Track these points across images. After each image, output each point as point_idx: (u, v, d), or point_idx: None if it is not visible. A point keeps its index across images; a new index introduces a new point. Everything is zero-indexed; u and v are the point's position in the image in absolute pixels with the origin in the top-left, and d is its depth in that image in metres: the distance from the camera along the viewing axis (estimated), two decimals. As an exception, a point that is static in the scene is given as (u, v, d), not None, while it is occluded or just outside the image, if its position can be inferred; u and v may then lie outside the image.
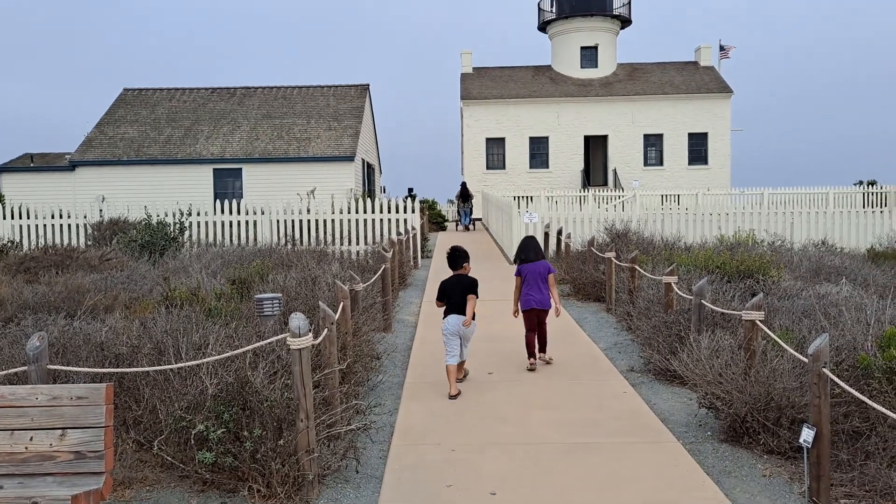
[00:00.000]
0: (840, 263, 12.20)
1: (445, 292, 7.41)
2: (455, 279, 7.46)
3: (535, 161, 38.02)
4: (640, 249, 13.25)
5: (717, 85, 38.12)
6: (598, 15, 38.42)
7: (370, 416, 6.36)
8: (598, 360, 8.55)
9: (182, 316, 7.05)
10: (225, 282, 9.78)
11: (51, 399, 3.97)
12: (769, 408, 5.51)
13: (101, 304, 8.36)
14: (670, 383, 7.48)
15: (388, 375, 7.94)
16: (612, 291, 11.29)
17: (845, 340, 6.13)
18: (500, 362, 8.46)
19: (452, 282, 7.43)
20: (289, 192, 25.91)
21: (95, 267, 11.54)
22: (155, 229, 14.51)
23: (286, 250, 14.47)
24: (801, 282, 10.31)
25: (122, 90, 33.11)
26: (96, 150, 28.51)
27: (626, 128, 37.72)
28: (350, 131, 29.44)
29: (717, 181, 37.22)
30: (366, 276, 11.26)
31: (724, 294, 8.72)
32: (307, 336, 4.80)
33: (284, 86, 33.38)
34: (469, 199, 31.03)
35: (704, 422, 6.23)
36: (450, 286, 7.41)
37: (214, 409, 4.94)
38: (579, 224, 18.31)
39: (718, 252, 12.05)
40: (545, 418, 6.43)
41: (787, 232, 17.78)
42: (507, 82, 38.89)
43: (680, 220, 18.23)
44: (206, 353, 5.20)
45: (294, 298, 8.13)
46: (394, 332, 10.34)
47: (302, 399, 4.76)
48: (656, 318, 8.37)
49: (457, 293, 7.35)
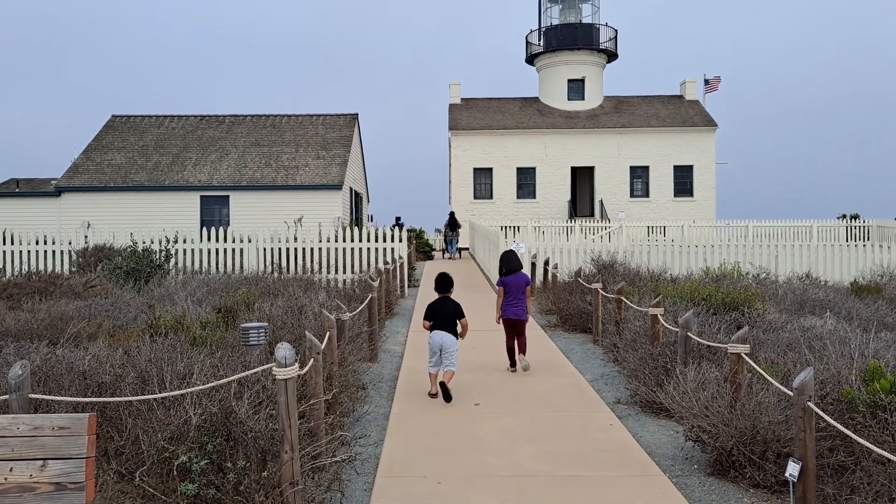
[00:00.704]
0: (824, 297, 12.29)
1: (434, 313, 8.45)
2: (442, 301, 8.54)
3: (523, 191, 38.23)
4: (627, 281, 13.30)
5: (702, 119, 38.63)
6: (585, 49, 38.96)
7: (355, 447, 6.30)
8: (585, 392, 8.53)
9: (166, 345, 7.00)
10: (210, 310, 9.72)
11: (32, 429, 3.92)
12: (755, 441, 5.51)
13: (84, 331, 8.28)
14: (657, 416, 7.47)
15: (374, 406, 7.89)
16: (599, 323, 11.31)
17: (830, 374, 6.16)
18: (487, 393, 8.43)
19: (440, 303, 8.52)
20: (276, 219, 25.88)
21: (80, 294, 11.44)
22: (140, 256, 14.44)
23: (272, 278, 14.42)
24: (786, 314, 10.37)
25: (111, 116, 33.13)
26: (83, 177, 28.42)
27: (613, 159, 38.07)
28: (338, 160, 29.54)
29: (703, 213, 37.53)
30: (352, 305, 11.23)
31: (710, 326, 8.76)
32: (293, 366, 4.77)
33: (273, 114, 33.52)
34: (456, 228, 31.67)
35: (691, 455, 6.22)
36: (438, 307, 8.47)
37: (198, 439, 4.89)
38: (566, 254, 18.38)
39: (704, 284, 12.12)
40: (532, 450, 6.40)
41: (771, 264, 17.92)
42: (495, 113, 39.24)
43: (666, 251, 18.34)
44: (191, 382, 5.15)
45: (280, 327, 8.09)
46: (380, 362, 10.29)
47: (287, 430, 4.71)
48: (643, 350, 8.39)
49: (443, 314, 8.41)
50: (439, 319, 8.34)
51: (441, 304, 8.47)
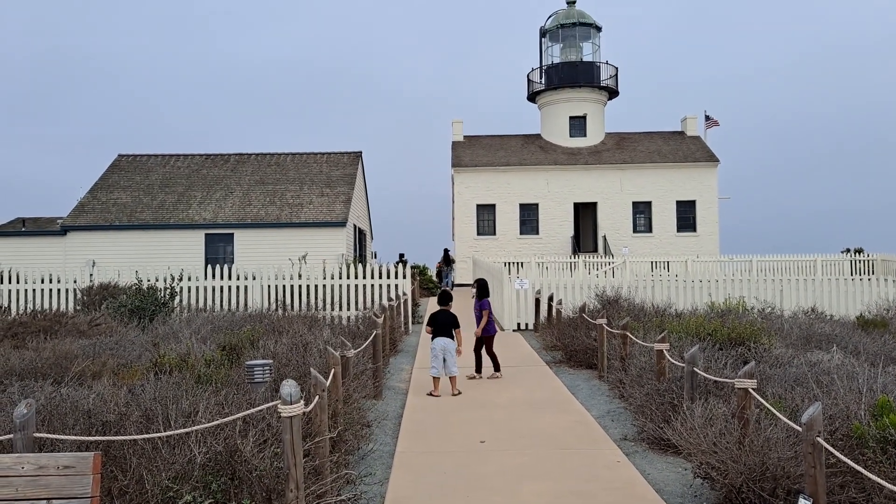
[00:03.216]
0: (830, 331, 12.24)
1: (436, 321, 10.66)
2: (443, 312, 10.75)
3: (526, 227, 38.33)
4: (631, 316, 13.27)
5: (703, 154, 38.87)
6: (586, 86, 39.38)
7: (360, 485, 6.24)
8: (592, 429, 8.46)
9: (171, 383, 6.98)
10: (215, 347, 9.70)
11: (37, 468, 3.90)
12: (765, 478, 5.45)
13: (88, 370, 8.26)
14: (664, 452, 7.40)
15: (379, 444, 7.83)
16: (605, 358, 11.26)
17: (838, 409, 6.12)
18: (492, 430, 8.37)
19: (441, 314, 10.73)
20: (281, 257, 25.95)
21: (84, 332, 11.44)
22: (145, 294, 14.46)
23: (277, 316, 14.41)
24: (792, 349, 10.32)
25: (117, 156, 33.44)
26: (88, 215, 28.59)
27: (615, 195, 38.23)
28: (342, 197, 29.70)
29: (706, 248, 37.55)
30: (357, 342, 11.20)
31: (716, 361, 8.71)
32: (298, 403, 4.76)
33: (278, 152, 33.81)
34: (450, 263, 34.58)
35: (699, 492, 6.15)
36: (440, 317, 10.69)
37: (202, 478, 4.85)
38: (570, 290, 18.36)
39: (709, 319, 12.09)
40: (538, 489, 6.33)
41: (776, 299, 17.87)
42: (498, 150, 39.54)
43: (670, 286, 18.32)
44: (196, 420, 5.13)
45: (285, 364, 8.07)
46: (384, 399, 10.24)
47: (292, 468, 4.68)
48: (649, 386, 8.34)
49: (443, 323, 10.61)
50: (440, 326, 10.53)
51: (442, 314, 10.69)
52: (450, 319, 10.65)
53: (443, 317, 10.66)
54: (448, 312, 10.74)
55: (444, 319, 10.63)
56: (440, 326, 10.54)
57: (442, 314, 10.70)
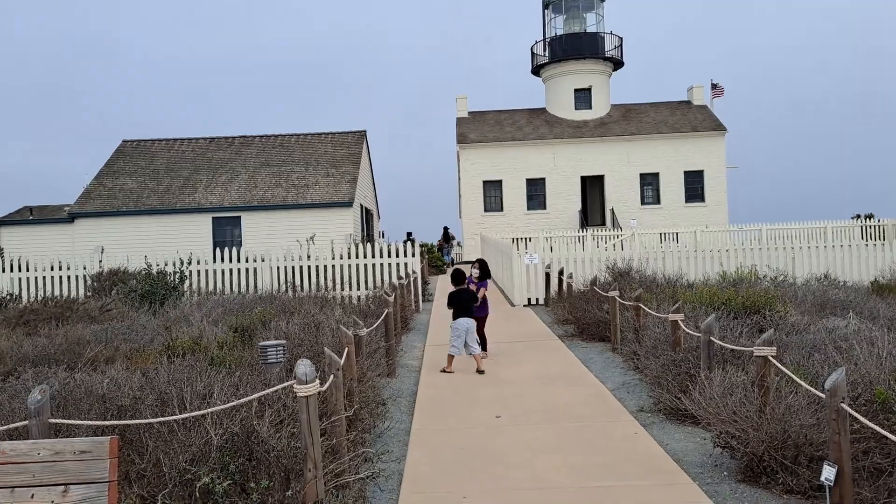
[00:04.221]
0: (845, 297, 12.12)
1: (457, 302, 10.48)
2: (460, 291, 10.63)
3: (533, 202, 38.16)
4: (643, 288, 13.17)
5: (710, 123, 38.51)
6: (591, 58, 38.97)
7: (378, 463, 6.21)
8: (608, 401, 8.42)
9: (185, 366, 6.95)
10: (227, 330, 9.68)
11: (53, 454, 3.86)
12: (786, 446, 5.39)
13: (101, 355, 8.25)
14: (682, 423, 7.34)
15: (395, 421, 7.80)
16: (618, 331, 11.19)
17: (859, 374, 6.04)
18: (507, 405, 8.33)
19: (460, 293, 10.59)
20: (288, 238, 25.89)
21: (95, 318, 11.43)
22: (155, 279, 14.44)
23: (287, 297, 14.39)
24: (808, 316, 10.22)
25: (121, 142, 33.35)
26: (95, 202, 28.59)
27: (622, 167, 37.97)
28: (348, 177, 29.59)
29: (715, 218, 37.31)
30: (368, 321, 11.16)
31: (732, 330, 8.63)
32: (314, 383, 4.71)
33: (282, 134, 33.65)
34: (450, 240, 36.38)
35: (720, 462, 6.09)
36: (460, 296, 10.54)
37: (220, 460, 4.82)
38: (580, 264, 18.27)
39: (722, 289, 11.98)
40: (557, 462, 6.29)
41: (788, 267, 17.73)
42: (503, 125, 39.26)
43: (681, 257, 18.19)
44: (211, 402, 5.09)
45: (298, 345, 8.03)
46: (398, 377, 10.21)
47: (310, 448, 4.64)
48: (664, 357, 8.27)
49: (465, 302, 10.44)
50: (462, 307, 10.33)
51: (461, 294, 10.55)
52: (469, 297, 10.60)
53: (463, 296, 10.56)
54: (464, 290, 10.68)
55: (465, 298, 10.53)
56: (462, 306, 10.42)
57: (461, 294, 10.60)
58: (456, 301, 10.50)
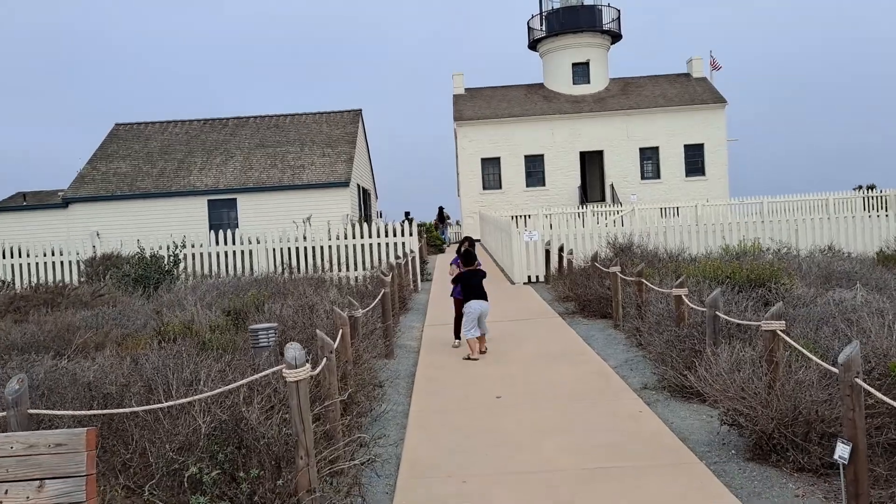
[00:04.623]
0: (850, 268, 11.91)
1: (470, 286, 9.84)
2: (473, 272, 9.97)
3: (532, 179, 37.83)
4: (645, 262, 12.94)
5: (710, 96, 38.09)
6: (588, 31, 38.45)
7: (374, 448, 6.02)
8: (610, 379, 8.23)
9: (175, 351, 6.75)
10: (220, 313, 9.46)
11: (27, 448, 3.65)
12: (797, 423, 5.19)
13: (91, 341, 8.04)
14: (687, 400, 7.15)
15: (392, 404, 7.61)
16: (619, 307, 10.99)
17: (871, 348, 5.83)
18: (508, 385, 8.15)
19: (473, 274, 9.94)
20: (284, 220, 25.63)
21: (87, 304, 11.22)
22: (148, 263, 14.21)
23: (283, 279, 14.17)
24: (814, 289, 10.01)
25: (114, 125, 32.96)
26: (89, 187, 28.28)
27: (622, 142, 37.61)
28: (344, 157, 29.26)
29: (715, 192, 37.01)
30: (365, 301, 10.96)
31: (737, 304, 8.42)
32: (304, 367, 4.50)
33: (277, 114, 33.25)
34: (445, 220, 37.36)
35: (727, 440, 5.91)
36: (472, 279, 9.90)
37: (208, 448, 4.63)
38: (580, 240, 18.04)
39: (726, 262, 11.76)
40: (560, 443, 6.11)
41: (792, 239, 17.50)
42: (500, 102, 38.83)
43: (683, 231, 17.96)
44: (198, 389, 4.88)
45: (291, 328, 7.81)
46: (396, 358, 10.02)
47: (301, 435, 4.44)
48: (668, 333, 8.06)
49: (473, 285, 9.82)
50: (473, 290, 9.79)
51: (473, 275, 9.97)
52: (480, 278, 10.02)
53: (473, 279, 9.95)
54: (478, 271, 10.10)
55: (475, 282, 9.93)
56: (473, 288, 9.84)
57: (474, 275, 10.00)
58: (466, 283, 9.91)
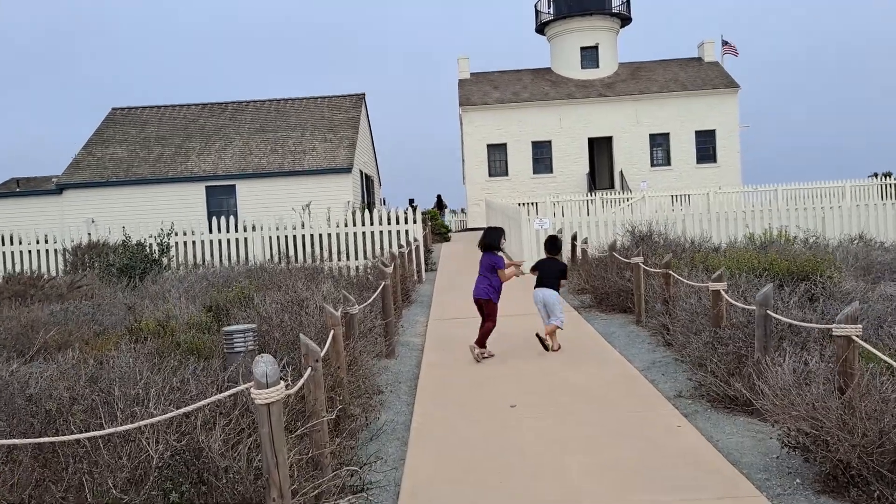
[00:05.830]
0: (892, 259, 10.94)
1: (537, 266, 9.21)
2: (548, 261, 9.22)
3: (539, 166, 36.81)
4: (667, 252, 11.98)
5: (722, 80, 36.96)
6: (597, 14, 37.33)
7: (369, 473, 5.11)
8: (638, 384, 7.30)
9: (143, 353, 5.85)
10: (202, 309, 8.54)
11: None
12: (884, 450, 4.26)
13: (53, 341, 7.14)
14: (731, 412, 6.22)
15: (393, 413, 6.70)
16: (642, 301, 10.05)
17: (961, 356, 4.89)
18: (523, 390, 7.22)
19: (547, 264, 9.18)
20: (285, 207, 24.69)
21: (63, 296, 10.33)
22: (133, 251, 13.29)
23: (278, 268, 13.26)
24: (862, 282, 9.05)
25: (111, 110, 32.02)
26: (84, 172, 27.37)
27: (631, 128, 36.55)
28: (346, 142, 28.28)
29: (727, 179, 35.97)
30: (365, 293, 10.04)
31: (782, 301, 7.47)
32: (278, 386, 3.57)
33: (277, 98, 32.26)
34: (443, 208, 38.45)
35: (790, 465, 4.97)
36: (544, 266, 9.15)
37: (160, 484, 3.72)
38: (593, 228, 17.09)
39: (756, 252, 10.80)
40: (586, 465, 5.19)
41: (818, 227, 16.52)
42: (507, 87, 37.75)
43: (702, 219, 16.98)
44: (148, 409, 3.98)
45: (276, 327, 6.89)
46: (398, 357, 9.11)
47: (273, 471, 3.52)
48: (707, 334, 7.11)
49: (548, 273, 9.06)
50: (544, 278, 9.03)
51: (548, 263, 9.17)
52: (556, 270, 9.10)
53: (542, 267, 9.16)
54: (555, 262, 9.21)
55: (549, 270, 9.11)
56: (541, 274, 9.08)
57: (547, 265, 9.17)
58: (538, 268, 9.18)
